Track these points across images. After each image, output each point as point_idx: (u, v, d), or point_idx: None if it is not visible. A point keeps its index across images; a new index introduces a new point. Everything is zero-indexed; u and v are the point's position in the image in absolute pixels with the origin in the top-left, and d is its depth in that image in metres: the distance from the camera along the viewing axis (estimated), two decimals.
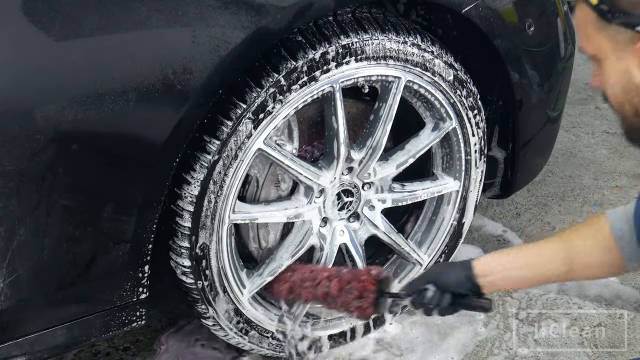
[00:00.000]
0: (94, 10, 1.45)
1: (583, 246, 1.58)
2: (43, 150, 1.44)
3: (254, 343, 1.99)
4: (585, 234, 1.59)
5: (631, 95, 1.19)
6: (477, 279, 1.62)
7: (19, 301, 1.54)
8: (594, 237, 1.56)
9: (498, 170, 2.26)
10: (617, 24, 1.13)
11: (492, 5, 1.92)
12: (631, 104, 1.20)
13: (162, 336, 2.17)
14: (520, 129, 2.14)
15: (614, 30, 1.15)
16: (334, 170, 1.90)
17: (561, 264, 1.58)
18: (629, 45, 1.15)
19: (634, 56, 1.15)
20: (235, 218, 1.80)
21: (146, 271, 1.68)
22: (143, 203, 1.61)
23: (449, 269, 1.67)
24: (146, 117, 1.54)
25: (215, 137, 1.68)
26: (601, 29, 1.17)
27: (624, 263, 1.54)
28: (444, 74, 1.93)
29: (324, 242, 1.99)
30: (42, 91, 1.43)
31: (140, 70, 1.49)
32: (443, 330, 2.19)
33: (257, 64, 1.69)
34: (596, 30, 1.18)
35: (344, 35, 1.76)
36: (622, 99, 1.21)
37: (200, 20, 1.53)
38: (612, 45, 1.17)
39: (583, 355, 2.10)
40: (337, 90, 1.79)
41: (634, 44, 1.14)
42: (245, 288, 1.89)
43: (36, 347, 1.61)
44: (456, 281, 1.63)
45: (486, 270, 1.62)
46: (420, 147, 2.01)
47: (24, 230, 1.48)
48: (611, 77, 1.20)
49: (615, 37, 1.16)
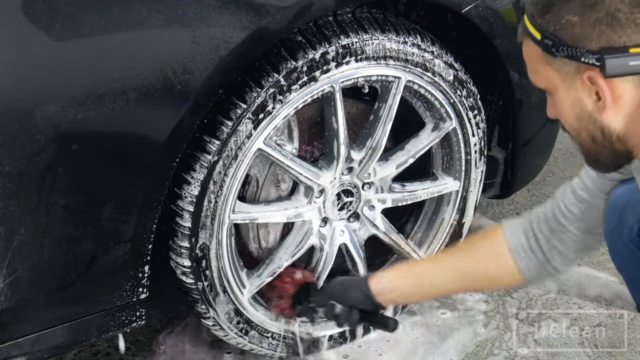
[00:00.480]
0: (94, 10, 1.45)
1: (479, 259, 1.64)
2: (43, 150, 1.44)
3: (254, 343, 1.99)
4: (481, 246, 1.66)
5: (585, 123, 1.20)
6: (375, 298, 1.71)
7: (19, 301, 1.54)
8: (490, 249, 1.62)
9: (498, 170, 2.26)
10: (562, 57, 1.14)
11: (492, 5, 1.92)
12: (586, 131, 1.21)
13: (160, 336, 2.16)
14: (520, 129, 2.14)
15: (560, 62, 1.17)
16: (334, 171, 1.90)
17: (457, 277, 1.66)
18: (577, 76, 1.16)
19: (582, 86, 1.17)
20: (235, 218, 1.80)
21: (146, 271, 1.68)
22: (143, 203, 1.61)
23: (349, 288, 1.77)
24: (146, 117, 1.54)
25: (215, 137, 1.68)
26: (548, 62, 1.18)
27: (524, 276, 1.57)
28: (444, 74, 1.93)
29: (324, 242, 1.99)
30: (42, 91, 1.43)
31: (140, 70, 1.49)
32: (443, 330, 2.19)
33: (257, 64, 1.69)
34: (543, 65, 1.19)
35: (344, 35, 1.76)
36: (577, 127, 1.23)
37: (200, 20, 1.53)
38: (560, 77, 1.18)
39: (583, 355, 2.10)
40: (337, 91, 1.78)
41: (581, 74, 1.15)
42: (245, 288, 1.89)
43: (36, 347, 1.61)
44: (358, 299, 1.73)
45: (382, 290, 1.71)
46: (420, 147, 2.01)
47: (24, 230, 1.48)
48: (564, 107, 1.22)
49: (562, 69, 1.17)
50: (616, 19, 1.10)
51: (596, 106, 1.17)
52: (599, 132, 1.20)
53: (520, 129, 2.14)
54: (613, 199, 1.42)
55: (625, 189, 1.37)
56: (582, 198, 1.49)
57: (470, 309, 2.27)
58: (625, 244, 1.39)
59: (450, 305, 2.28)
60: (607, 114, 1.16)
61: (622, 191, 1.39)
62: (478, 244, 1.68)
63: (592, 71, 1.13)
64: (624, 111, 1.15)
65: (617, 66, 1.10)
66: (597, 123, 1.19)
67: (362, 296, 1.73)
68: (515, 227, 1.60)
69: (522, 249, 1.57)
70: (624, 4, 1.09)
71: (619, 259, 1.45)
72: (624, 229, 1.38)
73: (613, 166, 1.28)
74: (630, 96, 1.14)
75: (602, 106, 1.16)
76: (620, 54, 1.10)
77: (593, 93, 1.16)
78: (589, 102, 1.17)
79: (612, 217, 1.42)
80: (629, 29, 1.09)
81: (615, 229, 1.42)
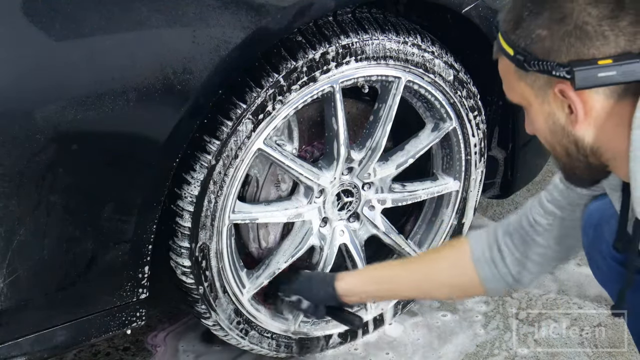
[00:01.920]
0: (94, 10, 1.45)
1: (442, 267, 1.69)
2: (43, 150, 1.44)
3: (254, 343, 1.99)
4: (447, 254, 1.72)
5: (559, 137, 1.21)
6: (341, 298, 1.80)
7: (19, 301, 1.54)
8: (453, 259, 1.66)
9: (498, 171, 2.26)
10: (534, 71, 1.15)
11: (492, 5, 1.92)
12: (561, 145, 1.22)
13: (156, 337, 2.17)
14: (520, 129, 2.14)
15: (532, 77, 1.17)
16: (334, 171, 1.90)
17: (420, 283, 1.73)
18: (549, 89, 1.16)
19: (554, 100, 1.17)
20: (236, 218, 1.80)
21: (146, 271, 1.68)
22: (143, 203, 1.61)
23: (316, 285, 1.86)
24: (146, 117, 1.54)
25: (215, 137, 1.68)
26: (521, 77, 1.19)
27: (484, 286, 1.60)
28: (444, 74, 1.93)
29: (324, 243, 1.99)
30: (42, 91, 1.43)
31: (140, 70, 1.49)
32: (444, 331, 2.19)
33: (257, 64, 1.69)
34: (517, 80, 1.20)
35: (344, 36, 1.76)
36: (551, 141, 1.23)
37: (200, 20, 1.53)
38: (533, 92, 1.19)
39: (583, 355, 2.10)
40: (337, 91, 1.78)
41: (553, 88, 1.16)
42: (245, 288, 1.89)
43: (36, 347, 1.61)
44: (324, 297, 1.83)
45: (347, 292, 1.80)
46: (419, 148, 2.01)
47: (24, 230, 1.48)
48: (538, 121, 1.22)
49: (535, 83, 1.18)
50: (584, 31, 1.10)
51: (569, 119, 1.17)
52: (572, 146, 1.20)
53: (520, 129, 2.14)
54: (588, 213, 1.43)
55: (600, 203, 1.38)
56: (549, 210, 1.50)
57: (470, 309, 2.27)
58: (603, 258, 1.40)
59: (451, 306, 2.29)
60: (579, 127, 1.16)
61: (596, 206, 1.40)
62: (444, 252, 1.76)
63: (563, 84, 1.14)
64: (595, 123, 1.16)
65: (586, 78, 1.11)
66: (571, 136, 1.19)
67: (327, 295, 1.81)
68: (480, 237, 1.62)
69: (484, 260, 1.59)
70: (591, 17, 1.10)
71: (599, 273, 1.46)
72: (602, 244, 1.39)
73: (590, 180, 1.28)
74: (601, 108, 1.14)
75: (574, 119, 1.16)
76: (590, 65, 1.10)
77: (565, 106, 1.16)
78: (561, 115, 1.18)
79: (588, 232, 1.43)
80: (597, 41, 1.10)
81: (592, 244, 1.43)
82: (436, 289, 1.73)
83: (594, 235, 1.41)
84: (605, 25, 1.10)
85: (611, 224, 1.35)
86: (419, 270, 1.74)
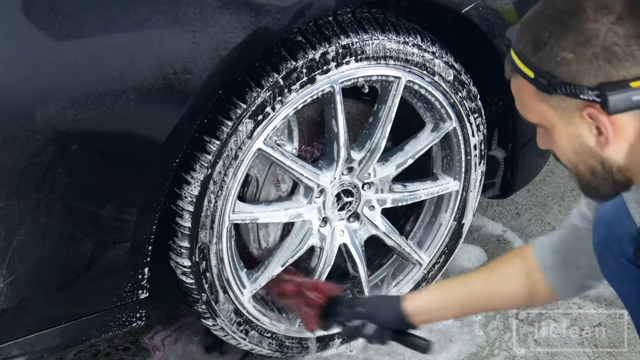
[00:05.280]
0: (94, 10, 1.45)
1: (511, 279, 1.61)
2: (43, 150, 1.44)
3: (254, 343, 1.99)
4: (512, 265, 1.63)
5: (584, 157, 1.18)
6: (409, 319, 1.68)
7: (19, 301, 1.54)
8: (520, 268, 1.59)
9: (498, 171, 2.26)
10: (559, 94, 1.12)
11: (492, 5, 1.92)
12: (586, 165, 1.19)
13: (154, 338, 2.17)
14: (520, 129, 2.14)
15: (556, 99, 1.13)
16: (334, 171, 1.90)
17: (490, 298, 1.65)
18: (575, 112, 1.13)
19: (581, 122, 1.14)
20: (236, 218, 1.80)
21: (146, 271, 1.68)
22: (143, 203, 1.61)
23: (383, 308, 1.73)
24: (146, 117, 1.54)
25: (215, 137, 1.68)
26: (543, 100, 1.15)
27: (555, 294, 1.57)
28: (444, 74, 1.93)
29: (324, 243, 1.99)
30: (42, 91, 1.43)
31: (140, 70, 1.49)
32: (444, 332, 2.19)
33: (257, 64, 1.69)
34: (537, 101, 1.16)
35: (344, 35, 1.76)
36: (575, 161, 1.20)
37: (200, 20, 1.53)
38: (557, 114, 1.15)
39: (583, 355, 2.10)
40: (337, 92, 1.78)
41: (580, 110, 1.12)
42: (246, 288, 1.89)
43: (36, 347, 1.61)
44: (391, 320, 1.70)
45: (416, 311, 1.67)
46: (419, 148, 2.01)
47: (24, 230, 1.48)
48: (562, 142, 1.19)
49: (559, 105, 1.14)
50: (613, 53, 1.07)
51: (597, 141, 1.14)
52: (599, 166, 1.17)
53: (520, 129, 2.14)
54: (601, 212, 1.41)
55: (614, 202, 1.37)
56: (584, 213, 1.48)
57: None
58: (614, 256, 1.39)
59: None
60: (609, 148, 1.14)
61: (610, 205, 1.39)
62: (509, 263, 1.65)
63: (592, 107, 1.10)
64: (625, 144, 1.13)
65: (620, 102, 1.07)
66: (598, 157, 1.16)
67: (394, 316, 1.68)
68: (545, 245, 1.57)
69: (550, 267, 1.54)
70: (619, 37, 1.07)
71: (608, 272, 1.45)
72: (613, 242, 1.38)
73: (612, 195, 1.26)
74: (632, 129, 1.11)
75: (603, 141, 1.13)
76: (622, 89, 1.07)
77: (593, 128, 1.13)
78: (589, 137, 1.15)
79: (600, 230, 1.42)
80: (627, 62, 1.07)
81: (603, 242, 1.41)
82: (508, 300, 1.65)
83: (606, 233, 1.40)
84: (633, 45, 1.07)
85: (624, 223, 1.34)
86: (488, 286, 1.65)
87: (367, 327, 1.70)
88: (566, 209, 2.70)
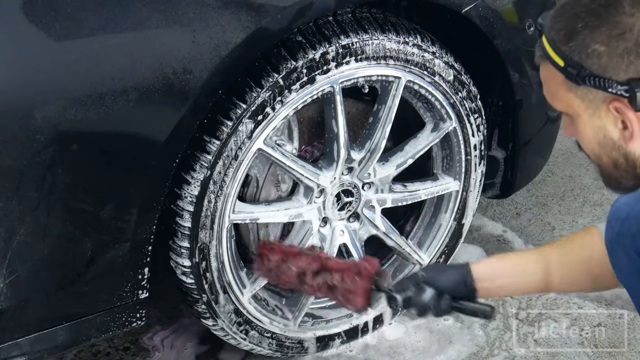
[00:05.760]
0: (94, 10, 1.45)
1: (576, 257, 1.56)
2: (43, 150, 1.44)
3: (254, 343, 1.99)
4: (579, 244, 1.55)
5: (608, 150, 1.18)
6: (475, 284, 1.55)
7: (19, 301, 1.54)
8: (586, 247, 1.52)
9: (498, 171, 2.26)
10: (587, 86, 1.12)
11: (492, 5, 1.92)
12: (609, 157, 1.19)
13: (153, 338, 2.17)
14: (520, 129, 2.14)
15: (584, 90, 1.14)
16: (334, 171, 1.90)
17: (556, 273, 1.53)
18: (602, 104, 1.13)
19: (607, 115, 1.14)
20: (236, 218, 1.80)
21: (146, 271, 1.68)
22: (143, 203, 1.61)
23: (447, 271, 1.60)
24: (146, 117, 1.54)
25: (215, 137, 1.68)
26: (570, 89, 1.15)
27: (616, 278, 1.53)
28: (444, 74, 1.93)
29: (324, 243, 1.99)
30: (42, 91, 1.43)
31: (140, 70, 1.49)
32: (444, 332, 2.19)
33: (257, 64, 1.69)
34: (565, 90, 1.16)
35: (344, 35, 1.76)
36: (598, 152, 1.20)
37: (200, 20, 1.53)
38: (584, 105, 1.16)
39: (583, 355, 2.10)
40: (337, 92, 1.78)
41: (607, 103, 1.12)
42: (246, 288, 1.89)
43: (36, 347, 1.61)
44: (454, 284, 1.56)
45: (484, 276, 1.55)
46: (419, 148, 2.01)
47: (24, 230, 1.48)
48: (586, 132, 1.19)
49: (586, 96, 1.14)
50: None
51: (622, 134, 1.14)
52: (622, 159, 1.17)
53: (520, 129, 2.14)
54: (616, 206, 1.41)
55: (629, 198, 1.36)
56: None
57: None
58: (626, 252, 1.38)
59: None
60: (633, 143, 1.14)
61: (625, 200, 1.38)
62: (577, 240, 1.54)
63: (619, 102, 1.11)
64: None
65: None
66: (622, 150, 1.16)
67: (459, 279, 1.54)
68: None
69: None
70: None
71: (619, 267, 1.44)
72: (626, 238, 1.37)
73: (633, 188, 1.25)
74: None
75: (628, 135, 1.13)
76: None
77: (619, 122, 1.14)
78: (613, 130, 1.15)
79: (614, 225, 1.41)
80: None
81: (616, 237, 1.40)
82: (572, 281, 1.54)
83: (620, 228, 1.39)
84: None
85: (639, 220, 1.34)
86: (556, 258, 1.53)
87: (424, 294, 1.54)
88: (566, 209, 2.70)
